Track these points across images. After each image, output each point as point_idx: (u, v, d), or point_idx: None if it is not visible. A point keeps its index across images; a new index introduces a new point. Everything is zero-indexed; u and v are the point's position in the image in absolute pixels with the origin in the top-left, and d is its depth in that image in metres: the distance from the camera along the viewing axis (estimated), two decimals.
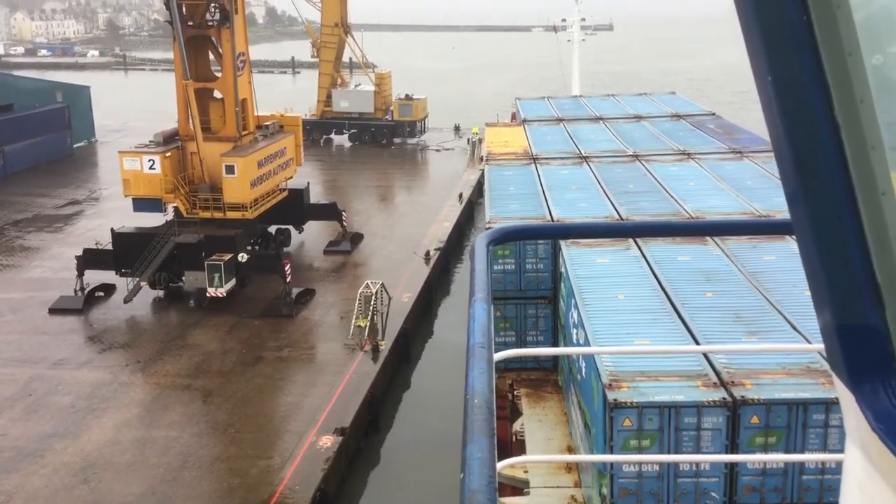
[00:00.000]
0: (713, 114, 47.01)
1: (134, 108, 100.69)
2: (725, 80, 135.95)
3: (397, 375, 34.54)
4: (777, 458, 14.27)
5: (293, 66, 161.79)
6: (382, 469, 28.84)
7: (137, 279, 37.77)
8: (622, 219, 25.91)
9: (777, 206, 26.45)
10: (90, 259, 38.85)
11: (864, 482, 1.54)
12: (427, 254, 44.89)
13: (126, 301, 37.58)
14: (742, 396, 14.69)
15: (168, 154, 39.23)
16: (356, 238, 47.72)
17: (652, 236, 21.07)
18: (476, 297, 3.22)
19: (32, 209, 56.01)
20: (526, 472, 19.80)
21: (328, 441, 26.44)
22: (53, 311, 37.68)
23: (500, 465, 3.58)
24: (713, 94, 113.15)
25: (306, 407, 28.90)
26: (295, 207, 45.18)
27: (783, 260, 21.47)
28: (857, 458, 1.57)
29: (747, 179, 31.01)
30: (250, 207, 40.05)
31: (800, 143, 1.55)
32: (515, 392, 24.08)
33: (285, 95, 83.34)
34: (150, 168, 38.88)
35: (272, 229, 45.59)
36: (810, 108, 1.51)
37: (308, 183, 47.79)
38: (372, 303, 34.16)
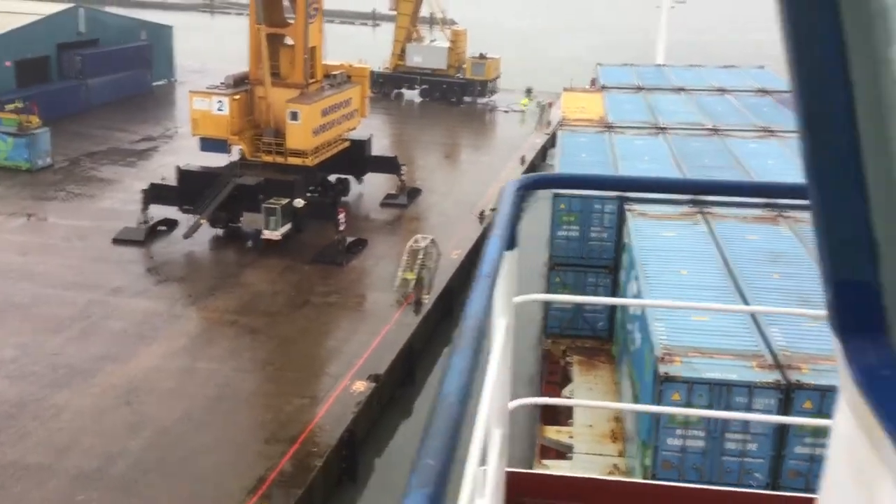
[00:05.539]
0: None
1: (216, 51, 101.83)
2: None
3: (438, 330, 34.18)
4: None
5: (373, 17, 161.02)
6: (415, 419, 28.83)
7: (198, 216, 38.37)
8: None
9: None
10: (156, 194, 39.41)
11: (851, 441, 1.56)
12: (482, 213, 44.53)
13: (185, 237, 38.32)
14: (797, 380, 14.13)
15: (237, 97, 39.44)
16: (413, 192, 47.51)
17: (694, 194, 20.35)
18: (493, 233, 2.96)
19: (108, 142, 57.22)
20: (571, 437, 20.07)
21: (361, 386, 27.02)
22: (117, 241, 38.39)
23: (511, 404, 3.40)
24: None
25: (345, 352, 29.28)
26: (356, 158, 45.00)
27: None
28: (845, 416, 1.59)
29: None
30: (311, 154, 40.01)
31: (812, 96, 1.55)
32: (568, 359, 24.27)
33: (361, 49, 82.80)
34: (219, 109, 39.22)
35: (332, 178, 45.73)
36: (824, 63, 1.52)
37: (371, 135, 47.21)
38: (419, 257, 34.25)
